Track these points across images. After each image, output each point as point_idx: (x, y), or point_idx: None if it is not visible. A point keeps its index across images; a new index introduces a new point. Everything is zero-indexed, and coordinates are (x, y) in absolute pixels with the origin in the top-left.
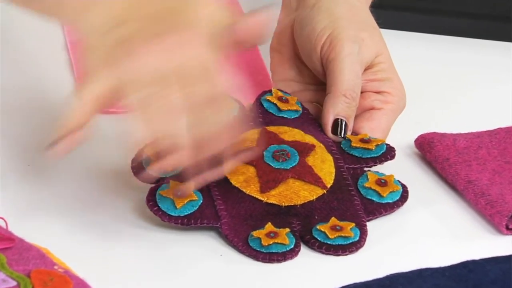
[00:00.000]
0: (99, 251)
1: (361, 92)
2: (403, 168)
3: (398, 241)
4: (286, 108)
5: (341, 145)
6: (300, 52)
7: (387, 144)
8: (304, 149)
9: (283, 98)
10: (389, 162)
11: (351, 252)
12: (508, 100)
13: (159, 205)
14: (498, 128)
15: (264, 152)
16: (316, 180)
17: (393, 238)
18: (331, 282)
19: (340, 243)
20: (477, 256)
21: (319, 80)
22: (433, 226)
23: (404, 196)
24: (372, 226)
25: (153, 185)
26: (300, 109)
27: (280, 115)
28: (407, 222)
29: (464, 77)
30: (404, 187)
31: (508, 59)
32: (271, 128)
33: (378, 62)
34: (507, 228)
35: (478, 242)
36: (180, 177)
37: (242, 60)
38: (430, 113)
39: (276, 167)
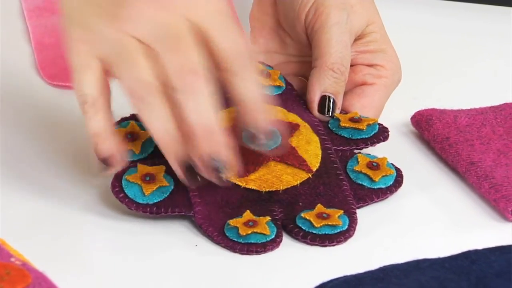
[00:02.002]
0: (59, 242)
1: (351, 66)
2: (398, 149)
3: (392, 229)
4: (267, 84)
5: (329, 125)
6: (282, 21)
7: (379, 124)
8: (287, 129)
9: (265, 72)
10: (386, 141)
11: (339, 242)
12: None
13: (126, 191)
14: (504, 104)
15: (243, 132)
16: (300, 163)
17: (387, 227)
18: (318, 275)
19: (326, 232)
20: (480, 246)
21: (304, 51)
22: (431, 213)
23: (398, 180)
24: (364, 213)
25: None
26: (283, 84)
27: None
28: (402, 208)
29: (466, 47)
30: (398, 171)
31: None
32: None
33: (369, 31)
34: None
35: (481, 230)
36: (148, 160)
37: None
38: (428, 87)
39: (256, 149)
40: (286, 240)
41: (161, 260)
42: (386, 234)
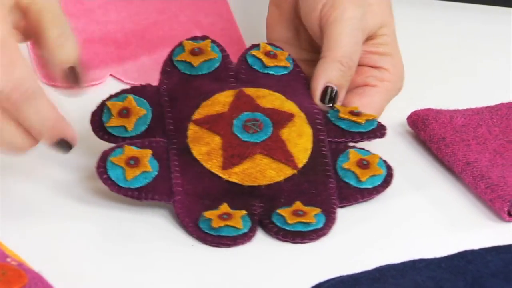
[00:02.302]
0: (52, 237)
1: (357, 65)
2: (394, 148)
3: (388, 229)
4: (272, 64)
5: (328, 115)
6: (299, 9)
7: (378, 122)
8: (281, 119)
9: (271, 52)
10: (379, 141)
11: (310, 240)
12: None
13: (109, 173)
14: (500, 104)
15: (234, 121)
16: (286, 159)
17: (383, 226)
18: (313, 275)
19: (299, 229)
20: (476, 246)
21: (315, 48)
22: (427, 213)
23: (387, 180)
24: (360, 212)
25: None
26: (290, 65)
27: (266, 71)
28: (398, 207)
29: (462, 47)
30: (388, 169)
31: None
32: (249, 91)
33: (382, 33)
34: (509, 214)
35: (477, 230)
36: (138, 140)
37: (216, 30)
38: (425, 87)
39: (244, 140)
40: (272, 238)
41: (161, 258)
42: (382, 234)
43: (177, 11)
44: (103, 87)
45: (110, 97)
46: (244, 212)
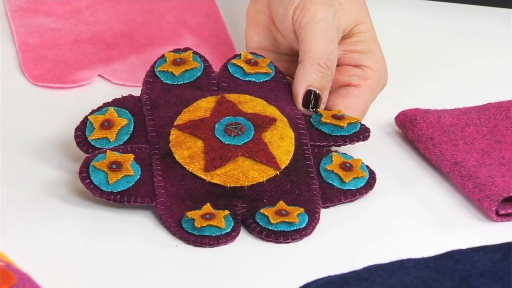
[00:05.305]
0: (42, 238)
1: (338, 65)
2: (382, 148)
3: (376, 229)
4: (253, 71)
5: (310, 119)
6: (274, 18)
7: (362, 124)
8: (263, 123)
9: (252, 60)
10: (366, 141)
11: (293, 239)
12: (499, 72)
13: (91, 178)
14: (488, 104)
15: (216, 125)
16: (268, 160)
17: (371, 226)
18: (303, 275)
19: (282, 229)
20: (464, 246)
21: (294, 50)
22: (415, 212)
23: (370, 183)
24: (348, 212)
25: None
26: (272, 71)
27: (247, 79)
28: (386, 207)
29: (450, 47)
30: (371, 173)
31: (500, 26)
32: (231, 97)
33: (358, 31)
34: (497, 214)
35: (465, 230)
36: (121, 146)
37: (204, 30)
38: (412, 87)
39: (226, 143)
40: (255, 238)
41: (145, 258)
42: (369, 234)
43: (165, 11)
44: (92, 87)
45: (93, 112)
46: (227, 212)
